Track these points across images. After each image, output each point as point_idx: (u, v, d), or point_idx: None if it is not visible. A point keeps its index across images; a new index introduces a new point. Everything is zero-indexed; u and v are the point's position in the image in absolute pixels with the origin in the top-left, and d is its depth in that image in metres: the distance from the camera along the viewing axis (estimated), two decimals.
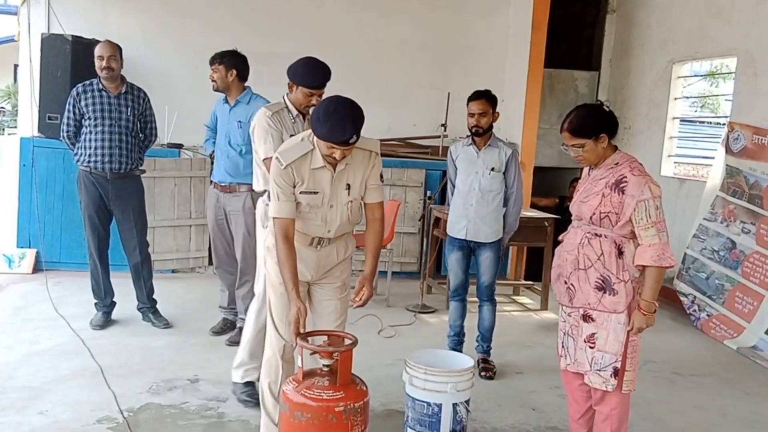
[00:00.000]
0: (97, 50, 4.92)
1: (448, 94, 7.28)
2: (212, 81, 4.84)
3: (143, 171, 5.22)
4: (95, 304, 5.20)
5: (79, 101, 4.92)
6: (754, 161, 5.88)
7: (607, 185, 2.99)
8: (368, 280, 3.14)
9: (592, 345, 3.05)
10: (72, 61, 6.23)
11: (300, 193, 3.00)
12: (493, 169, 4.47)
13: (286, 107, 3.82)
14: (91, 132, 4.93)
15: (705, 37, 6.71)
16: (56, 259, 6.53)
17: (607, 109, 3.07)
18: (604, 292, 3.01)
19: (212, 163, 6.61)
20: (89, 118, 4.92)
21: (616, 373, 3.00)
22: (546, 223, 6.27)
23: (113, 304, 5.25)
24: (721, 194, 6.18)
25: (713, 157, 6.55)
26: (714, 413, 4.18)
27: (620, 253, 3.00)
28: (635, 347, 3.03)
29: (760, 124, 5.90)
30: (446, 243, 4.68)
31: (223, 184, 4.85)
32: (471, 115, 4.44)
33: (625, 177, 2.95)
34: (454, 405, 3.39)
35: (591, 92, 8.32)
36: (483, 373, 4.52)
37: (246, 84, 4.92)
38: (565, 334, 3.22)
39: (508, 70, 7.81)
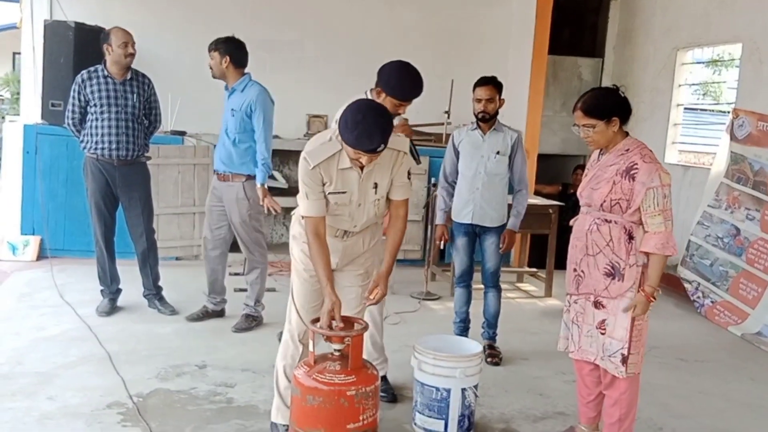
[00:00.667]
0: (120, 36, 4.90)
1: (452, 81, 7.24)
2: (209, 68, 4.83)
3: (149, 158, 5.22)
4: (101, 290, 5.21)
5: (84, 88, 4.91)
6: (759, 148, 5.88)
7: (618, 172, 2.99)
8: (384, 278, 3.15)
9: (603, 331, 3.07)
10: (75, 48, 6.22)
11: (329, 193, 3.02)
12: (498, 153, 4.49)
13: None
14: (97, 119, 4.92)
15: (709, 24, 6.70)
16: (60, 246, 6.52)
17: (622, 95, 3.06)
18: (613, 278, 3.02)
19: None
20: (95, 105, 4.91)
21: (625, 359, 3.01)
22: (550, 210, 6.27)
23: (119, 291, 5.26)
24: (725, 181, 6.18)
25: (716, 145, 6.55)
26: (719, 398, 4.20)
27: (630, 238, 3.01)
28: (640, 331, 3.04)
29: (765, 111, 5.89)
30: (451, 229, 4.66)
31: (219, 173, 4.88)
32: (478, 100, 4.44)
33: (636, 164, 2.95)
34: (463, 390, 3.41)
35: (595, 79, 8.31)
36: (489, 359, 4.53)
37: (246, 71, 4.89)
38: (571, 322, 3.22)
39: (511, 57, 7.78)
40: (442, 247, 4.77)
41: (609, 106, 3.01)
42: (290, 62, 7.21)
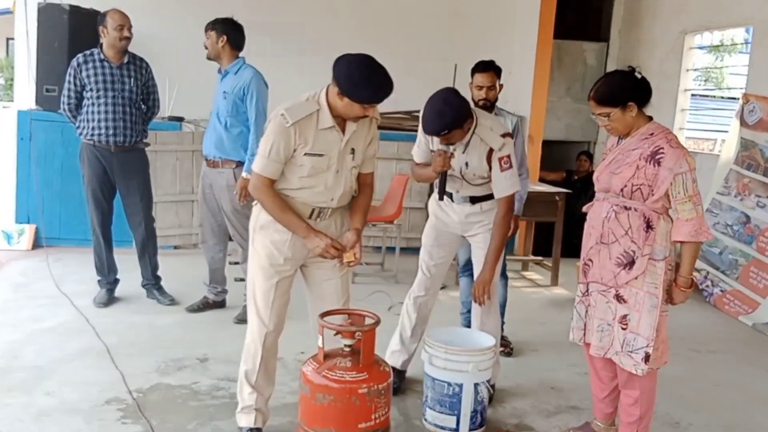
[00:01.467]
0: (117, 19, 4.75)
1: (455, 65, 7.09)
2: (205, 48, 4.70)
3: (147, 144, 5.09)
4: (98, 281, 5.09)
5: (80, 72, 4.77)
6: None
7: (642, 156, 2.85)
8: (359, 235, 3.04)
9: (624, 326, 2.94)
10: (70, 32, 6.05)
11: (305, 154, 2.86)
12: None
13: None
14: (93, 104, 4.78)
15: (719, 6, 6.55)
16: (56, 235, 6.38)
17: (638, 76, 2.92)
18: (623, 268, 2.90)
19: None
20: (91, 90, 4.77)
21: (648, 358, 2.89)
22: (557, 198, 6.15)
23: (117, 281, 5.14)
24: (735, 168, 6.06)
25: (719, 131, 6.43)
26: (734, 391, 4.10)
27: (648, 227, 2.88)
28: (660, 326, 2.92)
29: None
30: None
31: (208, 159, 4.75)
32: (479, 87, 4.27)
33: (662, 148, 2.82)
34: (476, 385, 3.30)
35: (600, 64, 8.16)
36: (501, 350, 4.40)
37: (241, 55, 4.75)
38: (586, 314, 3.10)
39: (516, 41, 7.63)
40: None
41: (622, 92, 2.88)
42: (291, 45, 7.04)
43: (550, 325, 5.11)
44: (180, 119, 6.62)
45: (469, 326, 4.44)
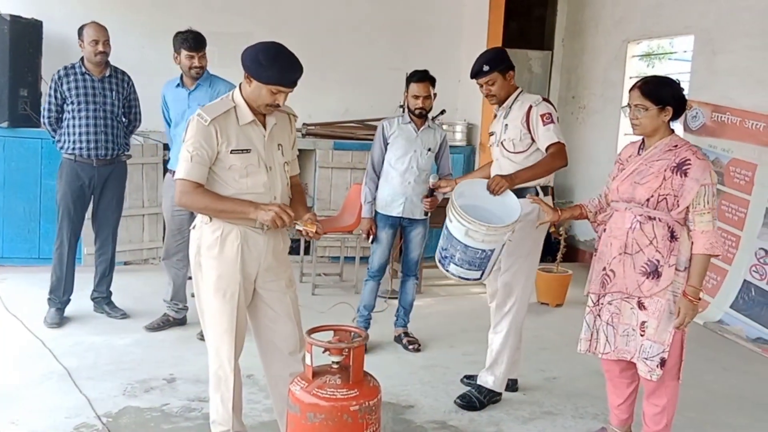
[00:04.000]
0: (91, 34, 4.68)
1: (407, 74, 7.08)
2: (198, 68, 4.56)
3: (129, 156, 5.05)
4: (49, 299, 4.90)
5: (61, 85, 4.69)
6: (714, 138, 5.96)
7: (669, 168, 2.91)
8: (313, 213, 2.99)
9: (642, 333, 2.99)
10: (11, 42, 5.87)
11: (231, 152, 2.80)
12: (429, 150, 4.58)
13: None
14: (74, 117, 4.69)
15: (660, 16, 6.76)
16: None
17: (683, 92, 3.00)
18: (648, 277, 2.95)
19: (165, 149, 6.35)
20: (72, 103, 4.69)
21: (663, 363, 2.95)
22: None
23: (68, 301, 4.96)
24: None
25: None
26: (699, 390, 4.20)
27: (672, 237, 2.93)
28: (684, 336, 2.99)
29: (718, 102, 5.98)
30: (376, 221, 4.64)
31: (173, 170, 4.63)
32: (415, 97, 4.52)
33: (689, 159, 2.88)
34: (503, 244, 3.42)
35: (545, 72, 8.32)
36: (411, 346, 4.68)
37: None
38: (606, 324, 3.13)
39: (464, 49, 7.73)
40: (370, 241, 4.69)
41: (668, 94, 2.94)
42: (239, 56, 6.93)
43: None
44: None
45: (367, 328, 4.63)
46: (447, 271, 3.50)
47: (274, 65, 2.73)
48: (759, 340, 5.20)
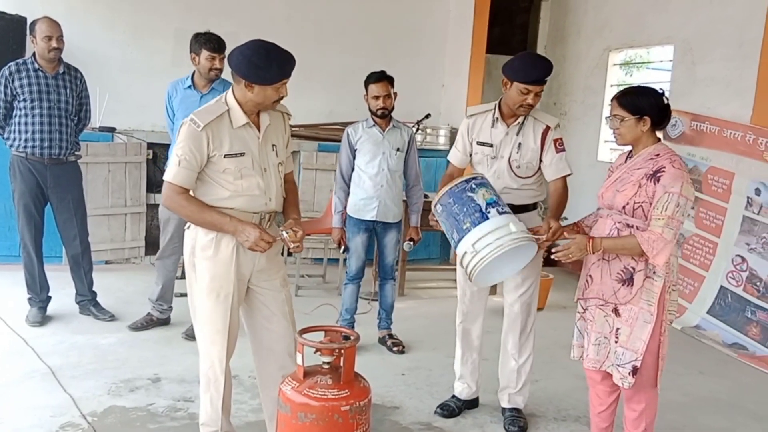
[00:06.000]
0: (44, 30, 4.57)
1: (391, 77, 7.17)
2: (217, 70, 4.52)
3: (80, 156, 4.93)
4: (29, 299, 4.88)
5: (12, 81, 4.57)
6: (693, 147, 6.07)
7: (645, 175, 2.92)
8: (298, 220, 2.98)
9: (616, 339, 3.03)
10: None
11: (225, 156, 2.80)
12: (398, 150, 4.60)
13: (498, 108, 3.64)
14: (26, 115, 4.58)
15: (641, 25, 6.87)
16: None
17: (665, 101, 2.98)
18: (624, 284, 2.98)
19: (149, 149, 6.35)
20: (24, 100, 4.58)
21: (635, 371, 2.96)
22: None
23: (49, 298, 4.95)
24: None
25: None
26: (676, 393, 4.29)
27: None
28: (662, 344, 3.00)
29: (697, 111, 6.09)
30: (350, 226, 4.67)
31: None
32: (375, 98, 4.53)
33: (664, 168, 2.89)
34: None
35: None
36: (396, 348, 4.74)
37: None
38: (580, 330, 3.19)
39: (448, 54, 7.79)
40: (341, 251, 4.77)
41: (645, 104, 2.94)
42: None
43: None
44: (112, 130, 6.40)
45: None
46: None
47: (272, 64, 2.75)
48: (735, 345, 5.30)
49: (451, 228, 3.15)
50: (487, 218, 3.03)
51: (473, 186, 3.11)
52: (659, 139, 3.06)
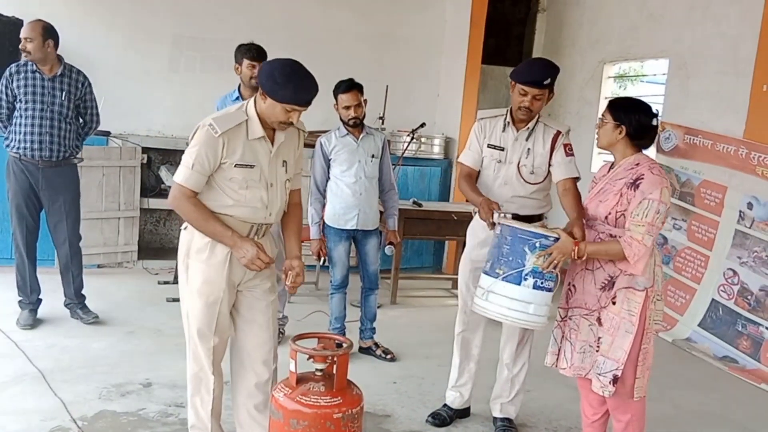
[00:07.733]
0: (22, 32, 4.64)
1: (387, 87, 7.19)
2: (257, 78, 4.52)
3: (80, 159, 4.92)
4: (19, 301, 4.86)
5: (12, 82, 4.60)
6: (686, 160, 6.11)
7: (626, 184, 2.95)
8: (299, 259, 3.00)
9: (598, 348, 3.04)
10: None
11: (235, 165, 2.82)
12: (373, 156, 4.59)
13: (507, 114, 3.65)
14: (21, 116, 4.60)
15: (636, 39, 6.92)
16: None
17: (653, 122, 3.00)
18: (603, 290, 3.00)
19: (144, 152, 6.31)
20: (20, 101, 4.60)
21: (616, 380, 2.97)
22: None
23: (39, 301, 4.93)
24: None
25: None
26: (666, 405, 4.30)
27: None
28: (646, 354, 3.00)
29: (691, 125, 6.12)
30: (330, 236, 4.64)
31: None
32: (346, 108, 4.49)
33: (644, 175, 2.91)
34: None
35: None
36: (388, 356, 4.74)
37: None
38: (562, 338, 3.19)
39: (444, 64, 7.82)
40: (322, 263, 4.77)
41: (625, 114, 2.98)
42: (221, 62, 6.94)
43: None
44: (106, 133, 6.39)
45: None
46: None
47: (289, 84, 2.74)
48: (726, 358, 5.32)
49: (491, 255, 3.14)
50: (519, 284, 3.01)
51: (536, 245, 3.01)
52: (639, 150, 3.07)
